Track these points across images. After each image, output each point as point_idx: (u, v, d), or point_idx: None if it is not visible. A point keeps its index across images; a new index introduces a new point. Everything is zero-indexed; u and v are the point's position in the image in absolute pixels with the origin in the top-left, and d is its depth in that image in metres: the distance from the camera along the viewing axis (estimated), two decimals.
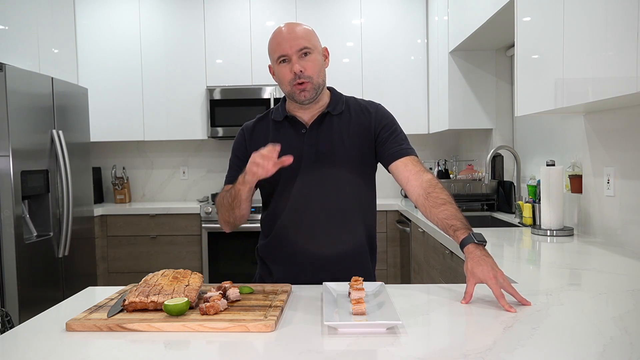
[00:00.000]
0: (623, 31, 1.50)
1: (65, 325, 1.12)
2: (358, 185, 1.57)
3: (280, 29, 1.51)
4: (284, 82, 1.51)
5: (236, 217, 1.54)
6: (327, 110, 1.55)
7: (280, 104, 1.62)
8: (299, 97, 1.50)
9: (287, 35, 1.48)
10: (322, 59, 1.53)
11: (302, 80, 1.47)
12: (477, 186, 3.36)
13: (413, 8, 4.19)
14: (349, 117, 1.57)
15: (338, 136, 1.54)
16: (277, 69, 1.51)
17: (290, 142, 1.53)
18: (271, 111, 1.63)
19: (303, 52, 1.47)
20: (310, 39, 1.50)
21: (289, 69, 1.48)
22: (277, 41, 1.49)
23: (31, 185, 3.04)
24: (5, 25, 3.27)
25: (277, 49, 1.49)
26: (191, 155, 4.60)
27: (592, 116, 2.27)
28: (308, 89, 1.48)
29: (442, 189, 1.44)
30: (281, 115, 1.58)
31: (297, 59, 1.47)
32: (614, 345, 0.98)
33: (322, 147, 1.53)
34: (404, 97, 4.19)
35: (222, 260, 3.98)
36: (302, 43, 1.47)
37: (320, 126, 1.55)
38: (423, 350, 0.97)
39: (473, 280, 1.25)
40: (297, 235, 1.55)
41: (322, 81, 1.53)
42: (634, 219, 1.98)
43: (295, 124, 1.56)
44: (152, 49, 4.23)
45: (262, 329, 1.08)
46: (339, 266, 1.54)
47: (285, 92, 1.54)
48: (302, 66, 1.47)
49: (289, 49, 1.46)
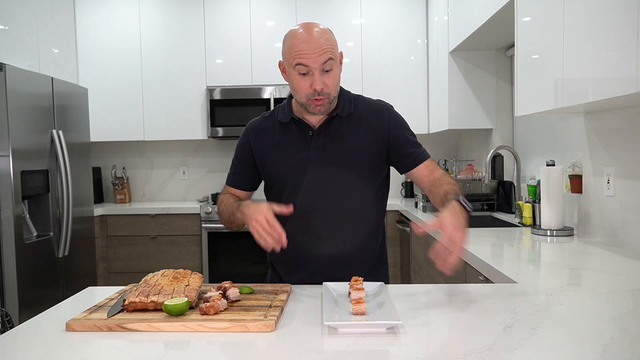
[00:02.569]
0: (623, 31, 1.50)
1: (65, 325, 1.12)
2: (367, 188, 1.54)
3: (304, 29, 1.40)
4: (299, 93, 1.43)
5: (235, 227, 1.54)
6: (336, 113, 1.51)
7: (286, 104, 1.56)
8: (313, 110, 1.45)
9: (312, 44, 1.37)
10: (339, 68, 1.46)
11: (321, 97, 1.42)
12: (477, 186, 3.36)
13: (413, 8, 4.19)
14: (357, 119, 1.53)
15: (346, 139, 1.51)
16: (294, 78, 1.43)
17: (297, 145, 1.51)
18: (277, 111, 1.58)
19: (326, 67, 1.39)
20: (333, 48, 1.41)
21: (309, 83, 1.40)
22: (299, 48, 1.38)
23: (31, 185, 3.04)
24: (5, 25, 3.27)
25: (297, 57, 1.39)
26: (191, 155, 4.60)
27: (592, 116, 2.27)
28: (325, 104, 1.44)
29: (448, 178, 1.49)
30: (287, 116, 1.53)
31: (319, 74, 1.39)
32: (614, 345, 0.98)
33: (330, 150, 1.50)
34: (404, 97, 4.19)
35: (222, 260, 3.98)
36: (327, 56, 1.38)
37: (328, 129, 1.51)
38: (423, 350, 0.97)
39: (437, 221, 1.22)
40: (305, 239, 1.53)
41: (337, 92, 1.49)
42: (634, 219, 1.98)
43: (302, 126, 1.52)
44: (152, 49, 4.23)
45: (262, 329, 1.08)
46: (348, 270, 1.51)
47: (298, 101, 1.47)
48: (323, 83, 1.40)
49: (313, 62, 1.37)
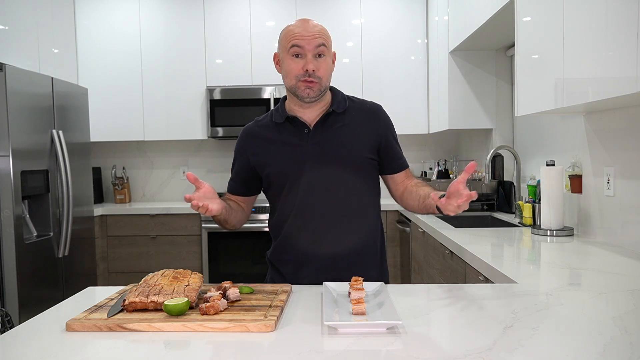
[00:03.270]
0: (623, 31, 1.50)
1: (65, 325, 1.12)
2: (363, 184, 1.57)
3: (301, 20, 1.49)
4: (289, 75, 1.48)
5: (232, 226, 1.58)
6: (332, 109, 1.54)
7: (279, 105, 1.59)
8: (302, 93, 1.47)
9: (308, 28, 1.46)
10: (332, 63, 1.53)
11: (312, 80, 1.46)
12: (477, 186, 3.36)
13: (413, 8, 4.19)
14: (353, 115, 1.56)
15: (343, 134, 1.53)
16: (287, 60, 1.48)
17: (293, 143, 1.53)
18: (271, 113, 1.60)
19: (319, 51, 1.46)
20: (327, 39, 1.49)
21: (301, 64, 1.45)
22: (297, 31, 1.46)
23: (31, 185, 3.04)
24: (5, 25, 3.27)
25: (293, 38, 1.45)
26: (191, 155, 4.60)
27: (592, 116, 2.27)
28: (315, 88, 1.47)
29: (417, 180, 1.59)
30: (282, 116, 1.55)
31: (312, 57, 1.45)
32: (614, 345, 0.98)
33: (328, 146, 1.52)
34: (404, 97, 4.20)
35: (222, 260, 3.98)
36: (321, 41, 1.46)
37: (324, 125, 1.53)
38: (423, 351, 0.97)
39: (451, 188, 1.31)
40: (305, 236, 1.54)
41: (328, 85, 1.53)
42: (634, 219, 1.98)
43: (297, 125, 1.54)
44: (152, 49, 4.23)
45: (262, 329, 1.08)
46: (348, 266, 1.53)
47: (288, 86, 1.51)
48: (315, 66, 1.45)
49: (307, 43, 1.44)
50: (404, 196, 1.59)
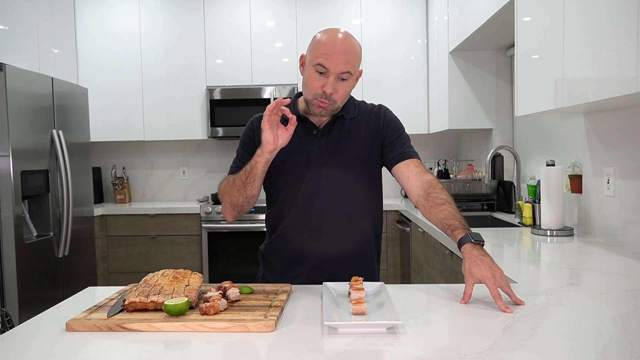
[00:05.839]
0: (623, 31, 1.50)
1: (65, 325, 1.12)
2: (365, 187, 1.58)
3: (333, 35, 1.46)
4: (308, 87, 1.48)
5: (247, 196, 1.48)
6: (341, 114, 1.56)
7: (293, 100, 1.58)
8: (314, 109, 1.49)
9: (338, 49, 1.43)
10: (354, 84, 1.52)
11: (326, 102, 1.46)
12: (477, 186, 3.36)
13: (413, 8, 4.19)
14: (360, 121, 1.58)
15: (349, 139, 1.55)
16: (310, 72, 1.48)
17: (300, 141, 1.54)
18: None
19: (343, 76, 1.45)
20: (356, 63, 1.47)
21: (322, 83, 1.45)
22: (327, 50, 1.44)
23: (31, 185, 3.04)
24: (5, 25, 3.27)
25: (321, 56, 1.44)
26: (191, 155, 4.60)
27: (592, 116, 2.27)
28: (327, 109, 1.48)
29: (442, 190, 1.45)
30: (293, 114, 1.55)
31: (334, 80, 1.44)
32: (614, 345, 0.98)
33: (333, 149, 1.54)
34: (404, 97, 4.19)
35: (222, 260, 3.98)
36: (347, 67, 1.44)
37: (332, 128, 1.56)
38: (423, 350, 0.97)
39: (471, 281, 1.25)
40: (302, 234, 1.55)
41: (342, 104, 1.53)
42: (634, 219, 1.98)
43: (307, 124, 1.56)
44: (152, 49, 4.23)
45: (262, 329, 1.08)
46: (343, 267, 1.54)
47: (305, 97, 1.51)
48: (334, 89, 1.45)
49: (334, 67, 1.43)
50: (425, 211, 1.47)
